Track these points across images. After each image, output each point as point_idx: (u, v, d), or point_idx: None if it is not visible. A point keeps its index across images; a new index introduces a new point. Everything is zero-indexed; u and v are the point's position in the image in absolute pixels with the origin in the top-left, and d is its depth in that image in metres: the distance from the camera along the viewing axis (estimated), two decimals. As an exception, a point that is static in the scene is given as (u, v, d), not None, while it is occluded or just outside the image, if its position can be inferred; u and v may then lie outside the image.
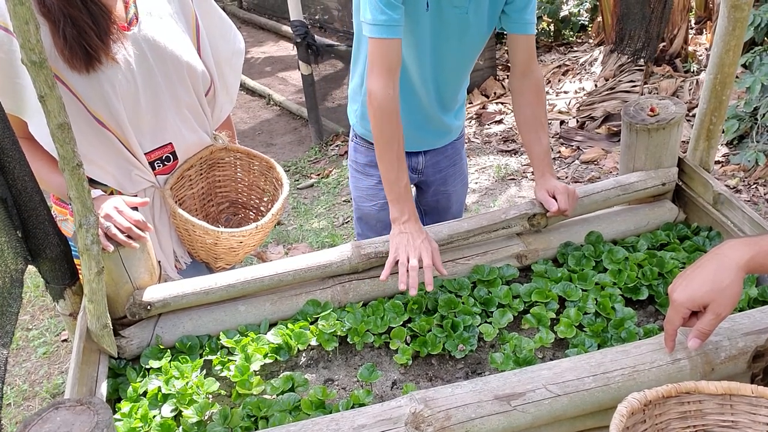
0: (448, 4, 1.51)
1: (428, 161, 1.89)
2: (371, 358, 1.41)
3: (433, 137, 1.84)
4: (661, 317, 1.44)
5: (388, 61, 1.45)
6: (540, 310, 1.42)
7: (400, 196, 1.48)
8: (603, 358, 1.11)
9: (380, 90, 1.45)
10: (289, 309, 1.47)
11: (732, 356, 1.10)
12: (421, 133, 1.79)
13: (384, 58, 1.44)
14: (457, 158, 1.96)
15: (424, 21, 1.53)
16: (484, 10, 1.55)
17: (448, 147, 1.90)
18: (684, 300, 1.03)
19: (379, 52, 1.45)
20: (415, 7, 1.49)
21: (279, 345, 1.40)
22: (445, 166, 1.92)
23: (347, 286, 1.50)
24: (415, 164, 1.87)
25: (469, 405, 1.05)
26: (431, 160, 1.89)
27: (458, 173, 1.98)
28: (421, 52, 1.59)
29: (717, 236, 1.56)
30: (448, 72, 1.67)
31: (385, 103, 1.46)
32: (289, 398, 1.27)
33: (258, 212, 1.78)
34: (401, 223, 1.47)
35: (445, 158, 1.91)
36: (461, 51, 1.63)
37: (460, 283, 1.49)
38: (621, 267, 1.50)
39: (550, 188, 1.54)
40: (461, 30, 1.57)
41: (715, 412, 1.02)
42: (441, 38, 1.57)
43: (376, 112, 1.47)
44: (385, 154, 1.48)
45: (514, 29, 1.59)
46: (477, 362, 1.38)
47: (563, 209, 1.51)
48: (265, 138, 4.86)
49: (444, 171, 1.93)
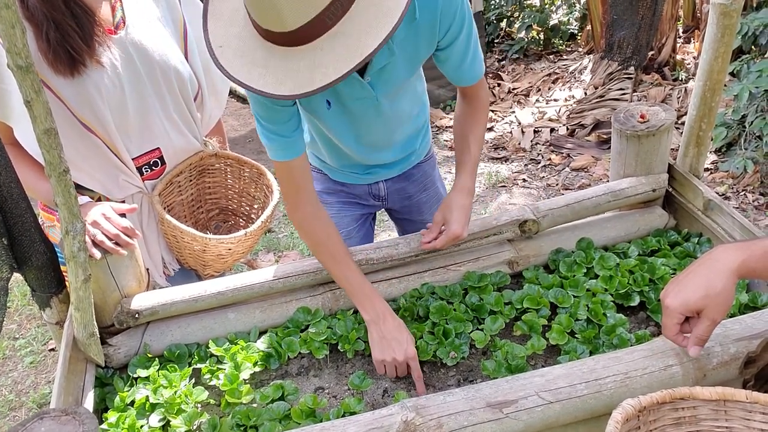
0: (350, 98, 1.37)
1: (390, 188, 1.73)
2: (362, 365, 1.40)
3: (383, 170, 1.67)
4: (652, 324, 1.44)
5: (294, 184, 1.37)
6: (532, 317, 1.41)
7: (363, 295, 1.37)
8: (595, 365, 1.11)
9: (295, 213, 1.39)
10: (279, 316, 1.46)
11: (724, 362, 1.10)
12: (366, 167, 1.65)
13: (288, 181, 1.37)
14: (427, 182, 1.78)
15: (331, 117, 1.42)
16: (399, 78, 1.37)
17: (413, 171, 1.73)
18: (677, 306, 1.03)
19: (280, 174, 1.38)
20: (316, 108, 1.39)
21: (269, 353, 1.38)
22: (414, 192, 1.76)
23: (338, 293, 1.48)
24: (376, 191, 1.73)
25: (461, 413, 1.04)
26: (393, 186, 1.73)
27: (433, 199, 1.81)
28: (340, 135, 1.49)
29: (707, 242, 1.57)
30: (380, 135, 1.53)
31: (304, 224, 1.40)
32: (278, 407, 1.25)
33: (248, 219, 1.77)
34: (377, 324, 1.34)
35: (411, 184, 1.74)
36: (387, 122, 1.48)
37: (452, 290, 1.48)
38: (612, 273, 1.49)
39: (448, 216, 1.41)
40: (376, 113, 1.43)
41: (710, 418, 1.01)
42: (356, 124, 1.46)
43: (300, 232, 1.42)
44: (326, 264, 1.41)
45: (454, 81, 1.46)
46: (469, 369, 1.37)
47: (434, 246, 1.42)
48: (256, 146, 4.84)
49: (414, 198, 1.77)
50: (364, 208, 1.79)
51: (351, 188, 1.73)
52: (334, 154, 1.61)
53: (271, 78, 1.06)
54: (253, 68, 1.07)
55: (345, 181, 1.71)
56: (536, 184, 3.83)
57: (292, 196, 1.39)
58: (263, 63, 1.07)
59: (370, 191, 1.73)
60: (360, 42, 1.03)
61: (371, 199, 1.75)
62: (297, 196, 1.39)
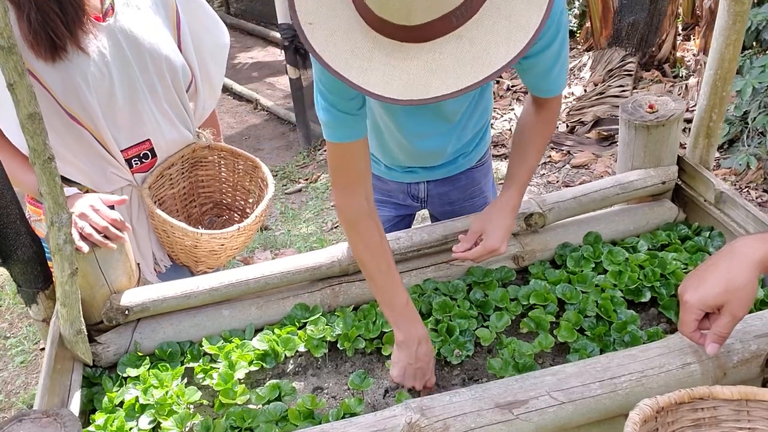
0: None
1: (432, 190, 1.58)
2: (362, 364, 1.34)
3: (426, 171, 1.53)
4: (664, 320, 1.38)
5: (351, 173, 1.19)
6: (539, 313, 1.36)
7: (404, 316, 1.21)
8: (609, 363, 1.05)
9: (347, 206, 1.21)
10: (276, 313, 1.40)
11: (744, 360, 1.05)
12: (407, 166, 1.51)
13: (344, 169, 1.20)
14: (475, 191, 1.60)
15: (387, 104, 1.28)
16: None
17: (460, 176, 1.57)
18: (696, 302, 0.97)
19: (335, 159, 1.20)
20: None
21: (265, 351, 1.32)
22: (457, 198, 1.60)
23: (337, 289, 1.43)
24: (415, 192, 1.57)
25: (468, 414, 0.99)
26: (436, 189, 1.57)
27: (479, 209, 1.57)
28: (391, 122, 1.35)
29: (719, 236, 1.51)
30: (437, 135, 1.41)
31: (360, 225, 1.21)
32: (275, 408, 1.19)
33: (243, 214, 1.71)
34: (409, 349, 1.20)
35: (456, 190, 1.57)
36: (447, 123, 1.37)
37: (455, 286, 1.43)
38: (621, 268, 1.44)
39: (488, 227, 1.27)
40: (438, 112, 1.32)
41: (731, 419, 0.96)
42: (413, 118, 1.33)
43: (348, 230, 1.24)
44: (370, 275, 1.24)
45: (533, 90, 1.31)
46: (474, 368, 1.31)
47: (466, 257, 1.28)
48: (253, 143, 4.78)
49: (457, 204, 1.61)
50: (400, 208, 1.65)
51: (387, 184, 1.59)
52: (376, 142, 1.46)
53: (376, 76, 0.89)
54: (353, 59, 0.91)
55: (381, 175, 1.57)
56: (536, 181, 3.77)
57: (348, 189, 1.20)
58: (367, 55, 0.90)
59: (409, 191, 1.58)
60: (488, 53, 0.87)
61: (409, 199, 1.61)
62: (354, 189, 1.20)
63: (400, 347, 1.21)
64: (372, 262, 1.22)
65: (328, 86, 1.11)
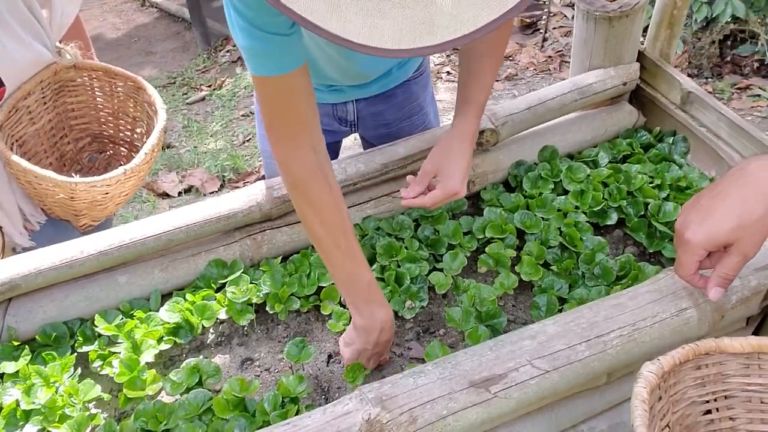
0: None
1: (363, 110, 1.31)
2: (298, 326, 1.13)
3: (354, 89, 1.27)
4: (630, 242, 1.24)
5: (294, 116, 0.90)
6: (497, 248, 1.18)
7: (366, 299, 0.97)
8: (595, 317, 0.89)
9: (290, 162, 0.93)
10: (186, 275, 1.15)
11: (744, 298, 0.91)
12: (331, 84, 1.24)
13: (283, 111, 0.90)
14: (414, 108, 1.35)
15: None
16: None
17: (396, 91, 1.31)
18: (701, 240, 0.80)
19: (268, 100, 0.91)
20: None
21: (177, 324, 1.08)
22: (393, 119, 1.34)
23: (259, 238, 1.18)
24: (342, 113, 1.31)
25: (438, 399, 0.81)
26: (368, 109, 1.31)
27: (419, 129, 1.36)
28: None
29: (683, 141, 1.36)
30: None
31: (301, 179, 0.94)
32: (196, 398, 0.97)
33: (132, 147, 1.39)
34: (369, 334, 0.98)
35: (391, 108, 1.32)
36: None
37: (400, 223, 1.22)
38: (583, 187, 1.27)
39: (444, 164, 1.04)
40: None
41: (739, 374, 0.82)
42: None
43: (294, 194, 0.98)
44: (325, 251, 0.98)
45: None
46: (429, 318, 1.13)
47: (421, 204, 1.05)
48: (143, 46, 4.23)
49: (394, 126, 1.35)
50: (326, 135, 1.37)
51: None
52: None
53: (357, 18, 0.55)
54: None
55: None
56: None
57: (289, 139, 0.92)
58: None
59: (335, 113, 1.31)
60: None
61: (335, 123, 1.34)
62: (297, 139, 0.92)
63: (359, 332, 0.99)
64: (328, 236, 0.96)
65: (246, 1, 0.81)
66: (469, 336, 1.04)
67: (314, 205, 0.95)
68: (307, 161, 0.93)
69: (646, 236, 1.20)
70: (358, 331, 0.99)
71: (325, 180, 0.95)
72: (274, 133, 0.94)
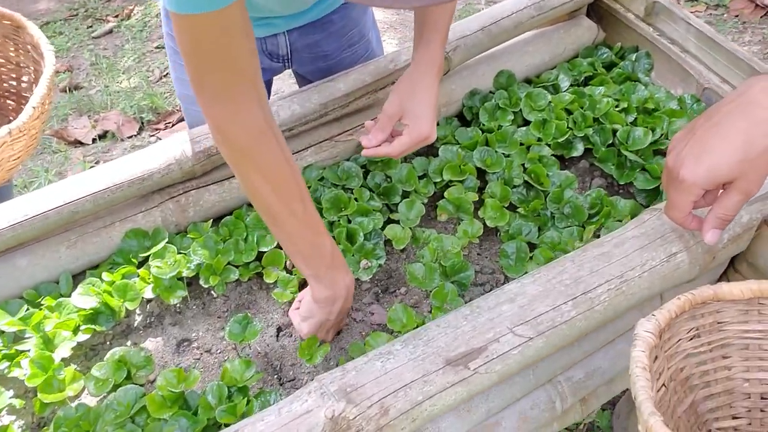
0: None
1: (297, 42, 1.13)
2: (240, 298, 0.99)
3: (283, 19, 1.09)
4: (597, 174, 1.14)
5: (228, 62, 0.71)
6: (457, 192, 1.06)
7: (328, 266, 0.84)
8: (579, 271, 0.79)
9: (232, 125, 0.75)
10: (99, 250, 0.98)
11: (735, 236, 0.83)
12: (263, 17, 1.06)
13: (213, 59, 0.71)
14: (354, 35, 1.18)
15: None
16: None
17: (332, 17, 1.14)
18: (700, 179, 0.70)
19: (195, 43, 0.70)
20: None
21: (95, 310, 0.92)
22: (332, 50, 1.17)
23: (183, 200, 1.01)
24: (273, 47, 1.13)
25: (411, 384, 0.70)
26: (302, 40, 1.13)
27: (361, 60, 1.20)
28: None
29: (646, 57, 1.25)
30: None
31: (248, 144, 0.76)
32: (126, 396, 0.83)
33: (21, 99, 1.17)
34: (330, 305, 0.86)
35: (329, 36, 1.15)
36: None
37: (347, 171, 1.07)
38: (545, 116, 1.15)
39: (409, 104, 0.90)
40: None
41: (737, 320, 0.75)
42: None
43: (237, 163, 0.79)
44: (279, 222, 0.82)
45: None
46: (388, 276, 1.01)
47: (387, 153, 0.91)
48: (34, -27, 3.74)
49: (333, 57, 1.18)
50: None
51: None
52: None
53: None
54: None
55: None
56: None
57: (231, 98, 0.74)
58: None
59: (264, 47, 1.13)
60: None
61: (265, 59, 1.15)
62: (240, 95, 0.74)
63: (321, 304, 0.86)
64: (282, 204, 0.80)
65: None
66: (435, 295, 0.93)
67: (264, 172, 0.78)
68: (255, 122, 0.75)
69: (615, 167, 1.10)
70: (320, 303, 0.86)
71: (275, 140, 0.78)
72: (208, 92, 0.74)
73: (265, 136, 0.77)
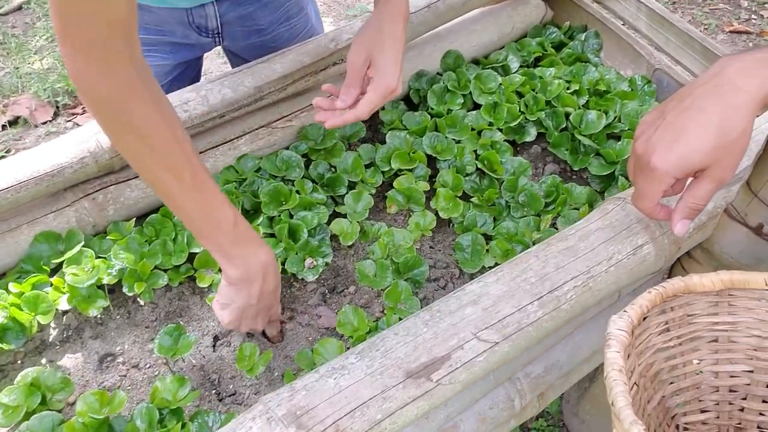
0: None
1: (228, 14, 1.03)
2: (171, 305, 0.89)
3: None
4: (550, 159, 1.10)
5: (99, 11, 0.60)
6: (407, 182, 0.99)
7: (232, 243, 0.74)
8: (544, 267, 0.73)
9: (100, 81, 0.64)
10: (4, 257, 0.86)
11: (701, 225, 0.80)
12: None
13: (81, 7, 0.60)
14: (291, 6, 1.09)
15: None
16: None
17: None
18: (672, 167, 0.65)
19: None
20: None
21: (2, 325, 0.80)
22: (268, 23, 1.07)
23: (101, 197, 0.90)
24: (201, 20, 1.01)
25: (369, 402, 0.62)
26: (234, 11, 1.03)
27: (300, 35, 1.12)
28: None
29: (594, 36, 1.21)
30: None
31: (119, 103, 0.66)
32: (41, 425, 0.73)
33: None
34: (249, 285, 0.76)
35: (264, 8, 1.06)
36: None
37: (286, 161, 0.98)
38: (496, 99, 1.09)
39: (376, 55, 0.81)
40: None
41: (706, 313, 0.71)
42: None
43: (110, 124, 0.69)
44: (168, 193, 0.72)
45: None
46: (336, 275, 0.94)
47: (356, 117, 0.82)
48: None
49: (269, 32, 1.09)
50: (180, 50, 1.05)
51: (153, 13, 0.98)
52: None
53: None
54: None
55: (146, 2, 0.95)
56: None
57: (100, 48, 0.63)
58: None
59: (191, 20, 1.01)
60: None
61: (193, 34, 1.03)
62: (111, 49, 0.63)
63: (236, 286, 0.76)
64: (164, 167, 0.69)
65: None
66: (387, 295, 0.86)
67: (138, 129, 0.67)
68: (125, 76, 0.65)
69: (569, 152, 1.06)
70: (236, 285, 0.76)
71: (149, 94, 0.67)
72: (72, 42, 0.63)
73: (136, 88, 0.66)
